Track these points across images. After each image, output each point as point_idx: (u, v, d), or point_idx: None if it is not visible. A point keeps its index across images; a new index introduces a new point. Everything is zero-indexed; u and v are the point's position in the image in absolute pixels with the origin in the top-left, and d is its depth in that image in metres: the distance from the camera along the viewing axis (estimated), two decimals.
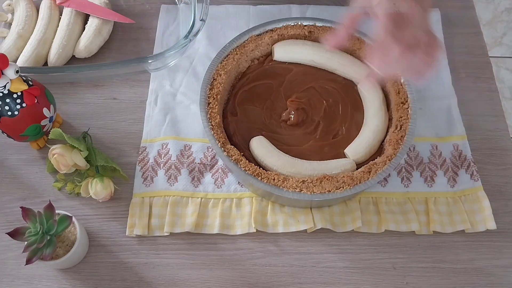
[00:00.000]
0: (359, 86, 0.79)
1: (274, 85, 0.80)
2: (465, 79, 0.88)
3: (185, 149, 0.79)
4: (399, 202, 0.76)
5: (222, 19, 0.93)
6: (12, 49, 0.85)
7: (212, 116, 0.73)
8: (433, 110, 0.84)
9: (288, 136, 0.76)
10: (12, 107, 0.70)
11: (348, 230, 0.73)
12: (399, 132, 0.73)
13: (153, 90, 0.85)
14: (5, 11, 0.92)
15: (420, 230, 0.73)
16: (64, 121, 0.83)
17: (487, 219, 0.74)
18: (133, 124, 0.83)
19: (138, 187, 0.76)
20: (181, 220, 0.74)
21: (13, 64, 0.67)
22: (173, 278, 0.71)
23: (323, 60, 0.81)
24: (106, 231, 0.74)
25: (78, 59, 0.88)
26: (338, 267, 0.72)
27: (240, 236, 0.73)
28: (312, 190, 0.68)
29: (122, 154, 0.80)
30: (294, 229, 0.73)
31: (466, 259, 0.73)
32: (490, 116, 0.84)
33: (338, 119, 0.78)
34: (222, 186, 0.76)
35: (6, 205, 0.75)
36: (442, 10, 0.95)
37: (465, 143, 0.81)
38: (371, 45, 0.70)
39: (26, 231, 0.64)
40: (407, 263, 0.72)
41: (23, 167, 0.79)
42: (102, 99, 0.85)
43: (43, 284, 0.70)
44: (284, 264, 0.72)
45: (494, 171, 0.79)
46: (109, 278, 0.70)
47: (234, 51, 0.80)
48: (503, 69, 1.85)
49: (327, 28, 0.82)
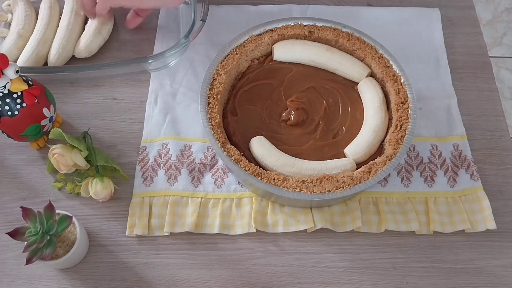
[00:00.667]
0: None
1: (274, 85, 0.80)
2: (465, 79, 0.88)
3: (185, 149, 0.80)
4: (399, 202, 0.76)
5: (222, 19, 0.93)
6: (13, 49, 0.85)
7: (212, 116, 0.73)
8: (433, 110, 0.84)
9: (288, 136, 0.76)
10: (12, 107, 0.70)
11: (348, 230, 0.73)
12: (399, 132, 0.73)
13: (153, 90, 0.85)
14: (5, 11, 0.93)
15: (420, 230, 0.73)
16: (64, 121, 0.83)
17: (487, 219, 0.74)
18: (133, 124, 0.83)
19: (138, 187, 0.76)
20: (181, 220, 0.74)
21: (13, 64, 0.67)
22: (173, 278, 0.71)
23: (323, 60, 0.81)
24: (106, 231, 0.74)
25: (78, 59, 0.88)
26: (338, 267, 0.72)
27: (240, 236, 0.73)
28: (312, 190, 0.68)
29: (122, 154, 0.80)
30: (294, 229, 0.73)
31: (466, 259, 0.73)
32: (490, 116, 0.84)
33: (338, 119, 0.78)
34: (222, 186, 0.76)
35: (6, 205, 0.75)
36: (442, 10, 0.95)
37: (465, 143, 0.81)
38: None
39: (26, 231, 0.64)
40: (407, 263, 0.72)
41: (23, 167, 0.79)
42: (102, 99, 0.85)
43: (43, 284, 0.70)
44: (284, 264, 0.72)
45: (494, 171, 0.79)
46: (109, 278, 0.71)
47: (234, 51, 0.80)
48: (503, 69, 1.85)
49: (327, 28, 0.82)
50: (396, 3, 0.97)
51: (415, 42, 0.91)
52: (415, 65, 0.88)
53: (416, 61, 0.89)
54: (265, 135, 0.75)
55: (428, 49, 0.91)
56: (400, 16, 0.94)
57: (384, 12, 0.94)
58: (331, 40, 0.82)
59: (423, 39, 0.91)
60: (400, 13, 0.95)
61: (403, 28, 0.93)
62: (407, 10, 0.95)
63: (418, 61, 0.89)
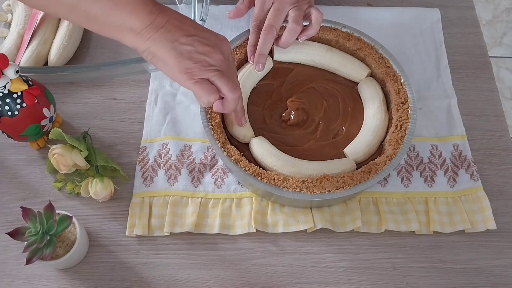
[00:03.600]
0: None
1: (274, 85, 0.80)
2: (465, 79, 0.88)
3: (185, 149, 0.79)
4: (399, 202, 0.76)
5: (222, 19, 0.93)
6: (14, 49, 0.85)
7: (212, 116, 0.73)
8: (433, 110, 0.84)
9: (288, 136, 0.76)
10: (12, 107, 0.70)
11: (348, 230, 0.73)
12: (399, 132, 0.73)
13: (153, 90, 0.85)
14: (5, 11, 0.93)
15: (420, 230, 0.73)
16: (64, 121, 0.83)
17: (487, 219, 0.74)
18: (133, 124, 0.83)
19: (138, 187, 0.76)
20: (181, 220, 0.74)
21: (13, 64, 0.67)
22: (173, 278, 0.71)
23: (323, 60, 0.81)
24: (106, 231, 0.74)
25: (78, 59, 0.88)
26: (338, 267, 0.72)
27: (240, 236, 0.73)
28: (312, 190, 0.68)
29: (122, 154, 0.80)
30: (294, 229, 0.73)
31: (466, 259, 0.73)
32: (490, 116, 0.84)
33: (338, 119, 0.78)
34: (222, 186, 0.76)
35: (6, 205, 0.75)
36: (442, 10, 0.95)
37: (465, 143, 0.81)
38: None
39: (26, 231, 0.64)
40: (407, 263, 0.72)
41: (23, 167, 0.79)
42: (102, 99, 0.85)
43: (43, 284, 0.70)
44: (284, 264, 0.72)
45: (494, 171, 0.79)
46: (109, 278, 0.70)
47: (234, 51, 0.80)
48: (503, 69, 1.85)
49: (327, 28, 0.82)
50: (396, 3, 0.97)
51: (415, 42, 0.91)
52: (415, 65, 0.88)
53: (416, 61, 0.89)
54: (265, 135, 0.75)
55: (428, 49, 0.91)
56: (400, 16, 0.94)
57: (384, 12, 0.94)
58: (331, 40, 0.82)
59: (423, 39, 0.91)
60: (400, 13, 0.95)
61: (403, 28, 0.93)
62: (407, 10, 0.95)
63: (418, 61, 0.89)
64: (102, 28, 0.59)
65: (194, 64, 0.60)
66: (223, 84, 0.63)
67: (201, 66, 0.61)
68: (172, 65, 0.60)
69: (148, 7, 0.58)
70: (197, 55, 0.61)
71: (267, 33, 0.76)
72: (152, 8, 0.59)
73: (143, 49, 0.60)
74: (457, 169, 0.78)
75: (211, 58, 0.61)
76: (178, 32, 0.60)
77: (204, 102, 0.64)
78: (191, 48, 0.60)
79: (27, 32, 0.86)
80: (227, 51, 0.64)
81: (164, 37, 0.59)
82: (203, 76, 0.61)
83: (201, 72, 0.61)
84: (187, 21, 0.62)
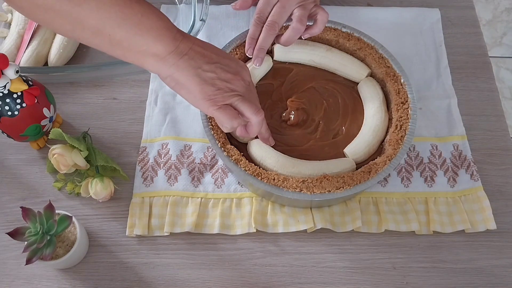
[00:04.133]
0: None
1: (274, 85, 0.80)
2: (465, 79, 0.88)
3: (185, 149, 0.79)
4: (399, 202, 0.76)
5: (222, 19, 0.93)
6: (14, 49, 0.85)
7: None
8: (433, 110, 0.84)
9: (288, 136, 0.76)
10: (12, 107, 0.70)
11: (348, 230, 0.73)
12: (399, 132, 0.73)
13: (153, 90, 0.85)
14: (5, 11, 0.93)
15: (420, 230, 0.73)
16: (64, 121, 0.83)
17: (487, 219, 0.74)
18: (133, 124, 0.83)
19: (138, 187, 0.76)
20: (181, 220, 0.74)
21: (13, 64, 0.67)
22: (173, 278, 0.71)
23: (323, 60, 0.81)
24: (106, 231, 0.74)
25: (78, 59, 0.88)
26: (338, 267, 0.72)
27: (240, 236, 0.73)
28: (312, 190, 0.68)
29: (122, 154, 0.80)
30: (294, 229, 0.73)
31: (466, 259, 0.73)
32: (490, 116, 0.84)
33: (338, 119, 0.78)
34: (222, 186, 0.76)
35: (6, 205, 0.75)
36: (442, 10, 0.95)
37: (465, 143, 0.81)
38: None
39: (26, 231, 0.64)
40: (407, 263, 0.72)
41: (23, 167, 0.79)
42: (102, 99, 0.85)
43: (43, 284, 0.70)
44: (284, 264, 0.72)
45: (494, 171, 0.79)
46: (109, 278, 0.70)
47: (234, 51, 0.80)
48: (503, 69, 1.85)
49: (327, 28, 0.82)
50: (396, 3, 0.97)
51: (415, 42, 0.91)
52: (415, 65, 0.88)
53: (416, 61, 0.89)
54: None
55: (428, 49, 0.91)
56: (400, 16, 0.94)
57: (384, 12, 0.94)
58: (331, 40, 0.82)
59: (423, 39, 0.91)
60: (400, 13, 0.95)
61: (403, 28, 0.93)
62: (407, 10, 0.95)
63: (418, 61, 0.89)
64: (126, 53, 0.59)
65: (217, 90, 0.61)
66: (246, 108, 0.63)
67: (224, 92, 0.61)
68: (195, 92, 0.61)
69: (172, 33, 0.59)
70: (219, 82, 0.61)
71: (269, 29, 0.76)
72: (176, 34, 0.59)
73: (166, 75, 0.61)
74: (457, 169, 0.78)
75: (233, 84, 0.62)
76: (201, 59, 0.60)
77: (228, 128, 0.64)
78: (214, 75, 0.61)
79: (27, 32, 0.86)
80: (248, 77, 0.65)
81: (187, 64, 0.59)
82: (226, 102, 0.62)
83: (224, 98, 0.61)
84: (209, 48, 0.62)
